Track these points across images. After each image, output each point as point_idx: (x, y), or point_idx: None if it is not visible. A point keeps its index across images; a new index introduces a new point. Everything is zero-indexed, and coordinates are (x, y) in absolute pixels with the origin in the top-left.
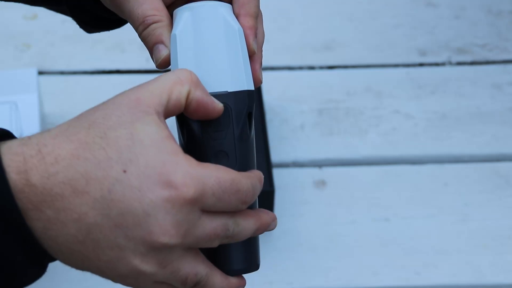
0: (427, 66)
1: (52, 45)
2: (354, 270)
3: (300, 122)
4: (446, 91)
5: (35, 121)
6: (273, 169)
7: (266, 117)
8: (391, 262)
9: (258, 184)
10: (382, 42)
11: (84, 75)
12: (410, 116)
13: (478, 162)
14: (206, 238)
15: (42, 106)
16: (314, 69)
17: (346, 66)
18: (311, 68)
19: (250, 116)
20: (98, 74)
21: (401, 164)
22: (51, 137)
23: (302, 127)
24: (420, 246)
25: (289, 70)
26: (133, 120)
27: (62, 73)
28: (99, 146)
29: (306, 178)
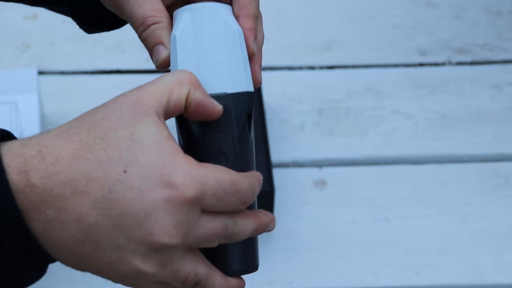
0: (427, 66)
1: (52, 45)
2: (354, 270)
3: (300, 122)
4: (446, 91)
5: (35, 121)
6: (273, 169)
7: (266, 117)
8: (391, 262)
9: (257, 184)
10: (382, 42)
11: (84, 75)
12: (410, 116)
13: (478, 162)
14: (206, 238)
15: (42, 106)
16: (314, 69)
17: (346, 66)
18: (311, 68)
19: (249, 117)
20: (98, 74)
21: (401, 164)
22: (52, 137)
23: (302, 127)
24: (420, 246)
25: (289, 70)
26: (133, 120)
27: (62, 73)
28: (100, 147)
29: (306, 178)
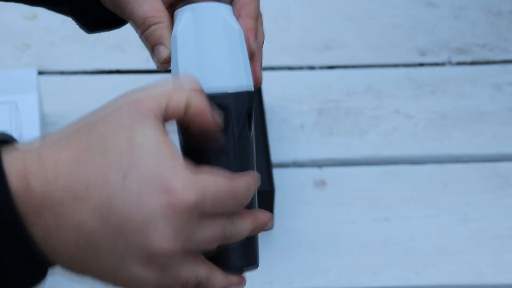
0: (427, 66)
1: (52, 45)
2: (354, 270)
3: (300, 122)
4: (446, 91)
5: (35, 121)
6: (273, 169)
7: (266, 117)
8: (391, 262)
9: (253, 185)
10: (382, 42)
11: (84, 75)
12: (410, 116)
13: (478, 162)
14: (205, 242)
15: (42, 106)
16: (314, 69)
17: (346, 66)
18: (311, 68)
19: (250, 116)
20: (98, 74)
21: (401, 164)
22: (52, 143)
23: (302, 127)
24: (420, 246)
25: (289, 70)
26: (132, 123)
27: (62, 73)
28: (99, 153)
29: (306, 178)
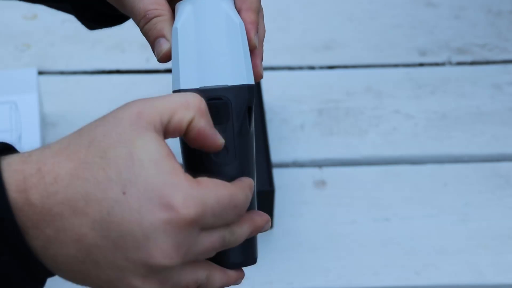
0: (427, 66)
1: (52, 45)
2: (354, 270)
3: (300, 122)
4: (446, 91)
5: (35, 121)
6: (273, 169)
7: (266, 117)
8: (391, 262)
9: (250, 192)
10: (382, 42)
11: (84, 75)
12: (410, 116)
13: (478, 162)
14: (204, 252)
15: (42, 106)
16: (314, 69)
17: (346, 66)
18: (311, 68)
19: (250, 110)
20: (98, 74)
21: (401, 164)
22: (51, 155)
23: (302, 127)
24: (420, 246)
25: (289, 70)
26: (133, 137)
27: (62, 73)
28: (99, 166)
29: (306, 178)
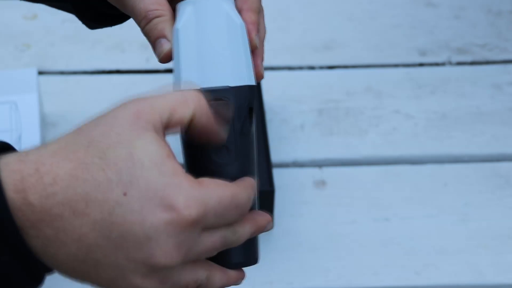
0: (427, 66)
1: (52, 45)
2: (354, 270)
3: (300, 122)
4: (446, 91)
5: (35, 121)
6: (273, 169)
7: (266, 117)
8: (391, 262)
9: (253, 192)
10: (382, 42)
11: (84, 75)
12: (410, 116)
13: (478, 162)
14: (206, 252)
15: (42, 106)
16: (314, 69)
17: (346, 66)
18: (311, 68)
19: (251, 110)
20: (98, 74)
21: (401, 164)
22: (49, 155)
23: (302, 127)
24: (420, 246)
25: (289, 70)
26: (132, 137)
27: (62, 73)
28: (99, 167)
29: (306, 178)
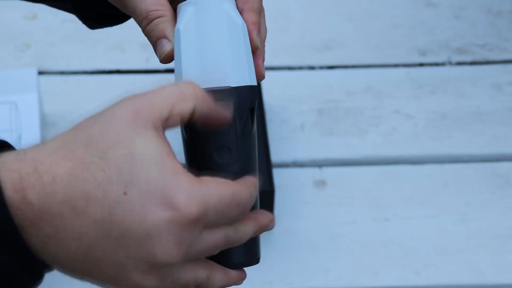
0: (427, 66)
1: (52, 45)
2: (354, 270)
3: (300, 122)
4: (446, 91)
5: (35, 121)
6: (273, 169)
7: (266, 117)
8: (391, 262)
9: (255, 191)
10: (382, 42)
11: (84, 75)
12: (410, 116)
13: (478, 162)
14: (207, 250)
15: (42, 106)
16: (314, 69)
17: (346, 66)
18: (311, 68)
19: (252, 111)
20: (98, 74)
21: (401, 164)
22: (48, 153)
23: (302, 127)
24: (420, 246)
25: (289, 70)
26: (132, 136)
27: (62, 73)
28: (98, 167)
29: (306, 178)
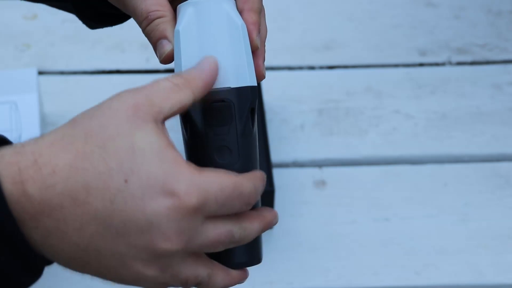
0: (427, 66)
1: (52, 45)
2: (354, 270)
3: (300, 122)
4: (446, 91)
5: (35, 121)
6: (273, 169)
7: (266, 117)
8: (391, 262)
9: (261, 184)
10: (382, 42)
11: (84, 75)
12: (410, 116)
13: (478, 162)
14: (209, 244)
15: (42, 106)
16: (314, 69)
17: (346, 66)
18: (311, 68)
19: (253, 111)
20: (98, 74)
21: (401, 164)
22: (46, 146)
23: (302, 127)
24: (420, 246)
25: (289, 70)
26: (132, 130)
27: (62, 73)
28: (99, 157)
29: (306, 178)
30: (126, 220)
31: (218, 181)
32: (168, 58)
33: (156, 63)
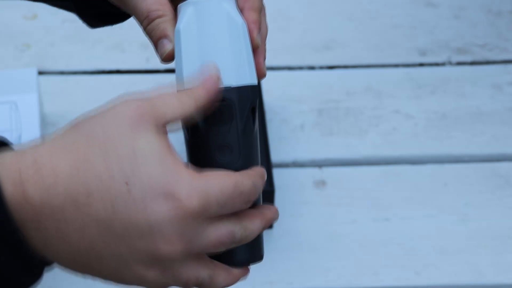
0: (427, 66)
1: (52, 45)
2: (354, 270)
3: (300, 122)
4: (446, 91)
5: (35, 121)
6: (273, 169)
7: (266, 117)
8: (391, 262)
9: (260, 181)
10: (382, 42)
11: (84, 75)
12: (410, 116)
13: (478, 162)
14: (211, 246)
15: (42, 106)
16: (314, 69)
17: (346, 66)
18: (311, 68)
19: (253, 110)
20: (98, 74)
21: (401, 164)
22: (47, 148)
23: (302, 127)
24: (420, 246)
25: (289, 70)
26: (133, 135)
27: (62, 73)
28: (100, 159)
29: (306, 178)
30: (127, 222)
31: (218, 183)
32: (168, 57)
33: (156, 63)
